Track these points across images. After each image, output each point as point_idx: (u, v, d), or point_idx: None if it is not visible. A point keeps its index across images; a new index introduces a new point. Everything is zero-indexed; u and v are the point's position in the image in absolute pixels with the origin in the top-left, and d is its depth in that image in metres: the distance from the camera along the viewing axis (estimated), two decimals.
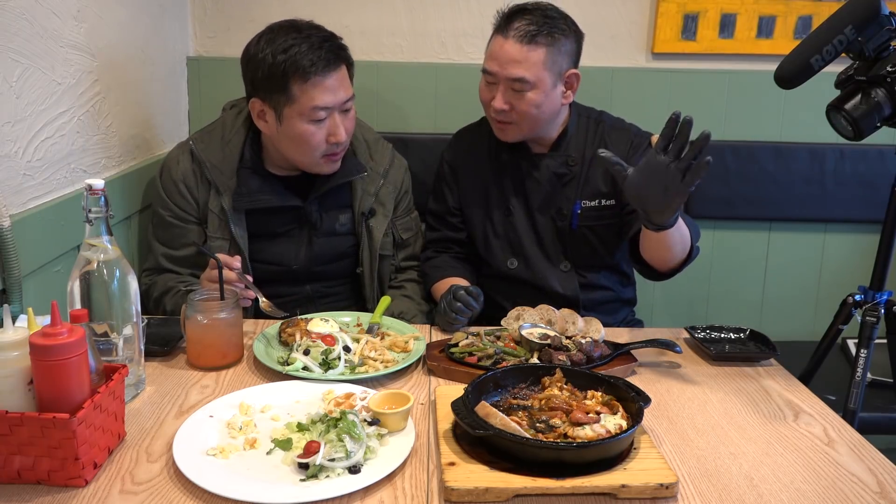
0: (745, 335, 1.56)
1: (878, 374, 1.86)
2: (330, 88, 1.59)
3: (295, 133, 1.62)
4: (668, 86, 2.30)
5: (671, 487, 0.99)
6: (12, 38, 1.35)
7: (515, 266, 1.84)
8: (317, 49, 1.58)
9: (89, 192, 1.14)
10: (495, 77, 1.69)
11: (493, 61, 1.69)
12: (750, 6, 2.24)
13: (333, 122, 1.63)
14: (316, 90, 1.58)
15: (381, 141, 1.89)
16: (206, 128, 1.80)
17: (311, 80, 1.57)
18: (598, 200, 1.79)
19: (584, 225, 1.79)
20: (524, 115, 1.68)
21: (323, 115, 1.61)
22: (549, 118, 1.74)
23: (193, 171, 1.72)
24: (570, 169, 1.80)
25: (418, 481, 1.03)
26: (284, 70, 1.56)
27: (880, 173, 2.28)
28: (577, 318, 1.50)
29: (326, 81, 1.59)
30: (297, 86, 1.57)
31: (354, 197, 1.80)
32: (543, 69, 1.65)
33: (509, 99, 1.68)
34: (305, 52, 1.57)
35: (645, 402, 1.11)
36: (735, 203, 2.34)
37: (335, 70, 1.60)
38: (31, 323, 1.03)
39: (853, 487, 1.04)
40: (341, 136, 1.64)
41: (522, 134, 1.74)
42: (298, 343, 1.38)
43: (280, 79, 1.57)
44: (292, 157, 1.68)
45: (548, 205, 1.81)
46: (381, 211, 1.83)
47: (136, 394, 1.25)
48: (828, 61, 1.30)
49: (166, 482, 1.01)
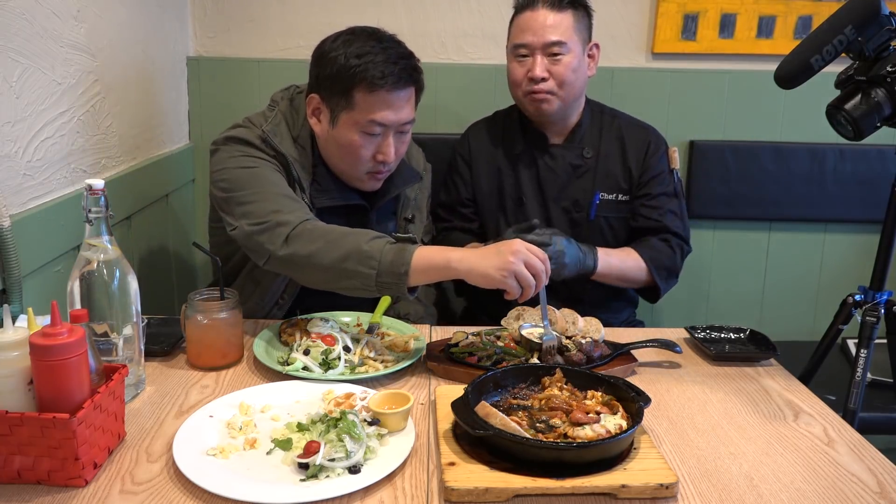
0: (745, 335, 1.56)
1: (878, 374, 1.86)
2: (393, 106, 1.53)
3: (344, 141, 1.55)
4: (668, 86, 2.30)
5: (671, 487, 0.99)
6: (12, 38, 1.35)
7: None
8: (392, 63, 1.51)
9: (89, 192, 1.14)
10: (530, 48, 1.74)
11: (526, 33, 1.74)
12: (750, 6, 2.24)
13: (386, 140, 1.56)
14: (378, 104, 1.51)
15: (415, 145, 1.86)
16: (267, 119, 1.62)
17: (376, 92, 1.50)
18: (615, 194, 1.85)
19: (601, 216, 1.85)
20: (563, 80, 1.74)
21: (378, 131, 1.54)
22: (581, 90, 1.81)
23: (277, 156, 1.57)
24: (584, 161, 1.84)
25: (418, 481, 1.03)
26: (353, 74, 1.50)
27: (880, 173, 2.29)
28: (578, 318, 1.50)
29: (391, 98, 1.52)
30: (361, 94, 1.51)
31: (399, 203, 1.77)
32: (574, 34, 1.74)
33: (547, 66, 1.73)
34: (379, 64, 1.50)
35: (645, 402, 1.11)
36: (735, 203, 2.34)
37: (404, 89, 1.54)
38: (31, 323, 1.03)
39: (853, 487, 1.04)
40: (390, 157, 1.57)
41: (560, 105, 1.78)
42: (298, 343, 1.38)
43: (346, 82, 1.51)
44: (336, 163, 1.62)
45: (562, 195, 1.85)
46: (419, 216, 1.81)
47: (136, 394, 1.25)
48: (828, 61, 1.30)
49: (166, 482, 1.01)
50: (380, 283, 1.33)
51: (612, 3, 2.26)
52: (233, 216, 1.49)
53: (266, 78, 2.26)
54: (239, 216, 1.48)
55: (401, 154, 1.63)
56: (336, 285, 1.38)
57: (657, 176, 1.85)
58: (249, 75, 2.26)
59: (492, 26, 2.27)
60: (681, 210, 1.88)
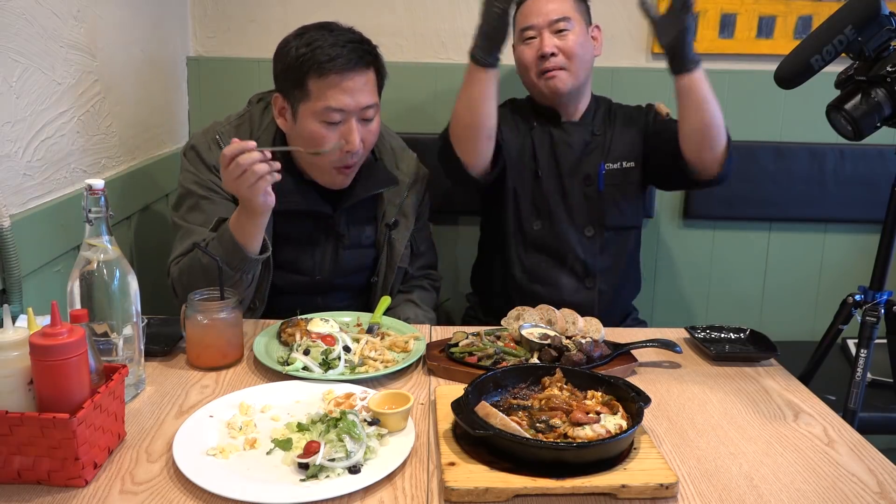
0: (745, 335, 1.56)
1: (878, 374, 1.86)
2: (347, 90, 1.52)
3: (306, 133, 1.55)
4: (668, 86, 2.27)
5: (671, 487, 0.99)
6: (12, 38, 1.35)
7: (539, 228, 1.90)
8: (339, 46, 1.52)
9: (89, 192, 1.14)
10: (537, 28, 1.81)
11: (530, 16, 1.82)
12: (750, 6, 2.24)
13: (348, 126, 1.55)
14: (331, 88, 1.51)
15: (408, 150, 1.85)
16: (230, 120, 1.71)
17: (327, 76, 1.51)
18: (619, 163, 1.90)
19: (609, 184, 1.89)
20: (572, 54, 1.80)
21: (337, 118, 1.53)
22: (589, 68, 1.87)
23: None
24: (594, 138, 1.91)
25: (418, 481, 1.03)
26: (302, 63, 1.51)
27: (880, 173, 2.28)
28: (578, 318, 1.50)
29: (344, 82, 1.51)
30: (313, 81, 1.52)
31: (379, 208, 1.76)
32: (576, 12, 1.83)
33: (555, 42, 1.79)
34: (326, 48, 1.51)
35: (645, 402, 1.11)
36: (735, 203, 2.34)
37: (357, 72, 1.53)
38: (31, 323, 1.03)
39: (853, 487, 1.04)
40: (355, 144, 1.56)
41: (572, 80, 1.82)
42: (298, 343, 1.38)
43: (298, 72, 1.52)
44: (303, 160, 1.62)
45: (576, 170, 1.89)
46: (404, 223, 1.78)
47: (136, 394, 1.25)
48: (828, 61, 1.30)
49: (166, 482, 1.01)
50: (238, 269, 1.47)
51: (612, 3, 2.26)
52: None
53: (266, 78, 2.22)
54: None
55: (369, 144, 1.61)
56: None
57: (665, 121, 1.91)
58: (249, 75, 2.26)
59: None
60: None
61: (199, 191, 1.62)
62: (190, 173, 1.64)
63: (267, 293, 1.66)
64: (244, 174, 1.38)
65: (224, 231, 1.49)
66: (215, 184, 1.62)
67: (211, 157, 1.63)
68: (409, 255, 1.82)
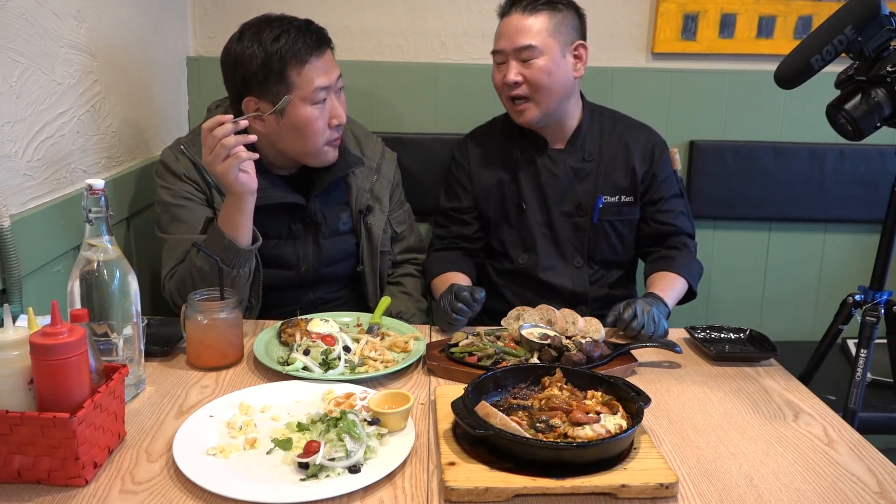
0: (745, 335, 1.56)
1: (878, 374, 1.86)
2: (324, 69, 1.62)
3: (301, 121, 1.61)
4: (668, 86, 2.30)
5: (671, 487, 0.99)
6: (12, 38, 1.35)
7: (526, 261, 1.87)
8: (305, 33, 1.61)
9: (89, 192, 1.14)
10: (504, 54, 1.74)
11: (500, 39, 1.76)
12: (750, 6, 2.24)
13: (332, 103, 1.65)
14: (314, 73, 1.60)
15: (371, 135, 1.90)
16: (194, 131, 1.75)
17: (308, 63, 1.59)
18: (618, 196, 1.84)
19: (604, 219, 1.83)
20: (537, 85, 1.71)
21: (323, 97, 1.62)
22: (564, 92, 1.76)
23: (195, 169, 1.69)
24: (586, 164, 1.83)
25: (418, 481, 1.03)
26: (281, 58, 1.57)
27: (880, 173, 2.29)
28: (578, 318, 1.50)
29: (320, 63, 1.61)
30: (296, 71, 1.59)
31: (350, 194, 1.81)
32: (548, 36, 1.71)
33: (520, 70, 1.72)
34: (296, 38, 1.59)
35: (645, 402, 1.11)
36: (735, 203, 2.34)
37: (324, 52, 1.64)
38: (32, 323, 1.03)
39: (853, 487, 1.04)
40: (342, 116, 1.67)
41: (540, 112, 1.75)
42: (298, 343, 1.38)
43: (276, 68, 1.58)
44: (296, 148, 1.66)
45: (565, 200, 1.84)
46: (378, 207, 1.83)
47: (136, 394, 1.25)
48: (828, 61, 1.30)
49: (166, 482, 1.01)
50: (233, 264, 1.52)
51: (612, 3, 2.26)
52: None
53: None
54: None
55: (345, 110, 1.71)
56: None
57: (665, 180, 1.85)
58: None
59: (492, 26, 2.24)
60: (687, 208, 1.90)
61: (174, 201, 1.67)
62: (163, 188, 1.70)
63: (261, 289, 1.69)
64: (216, 149, 1.45)
65: (213, 229, 1.55)
66: (187, 191, 1.68)
67: (179, 166, 1.69)
68: (390, 240, 1.88)
